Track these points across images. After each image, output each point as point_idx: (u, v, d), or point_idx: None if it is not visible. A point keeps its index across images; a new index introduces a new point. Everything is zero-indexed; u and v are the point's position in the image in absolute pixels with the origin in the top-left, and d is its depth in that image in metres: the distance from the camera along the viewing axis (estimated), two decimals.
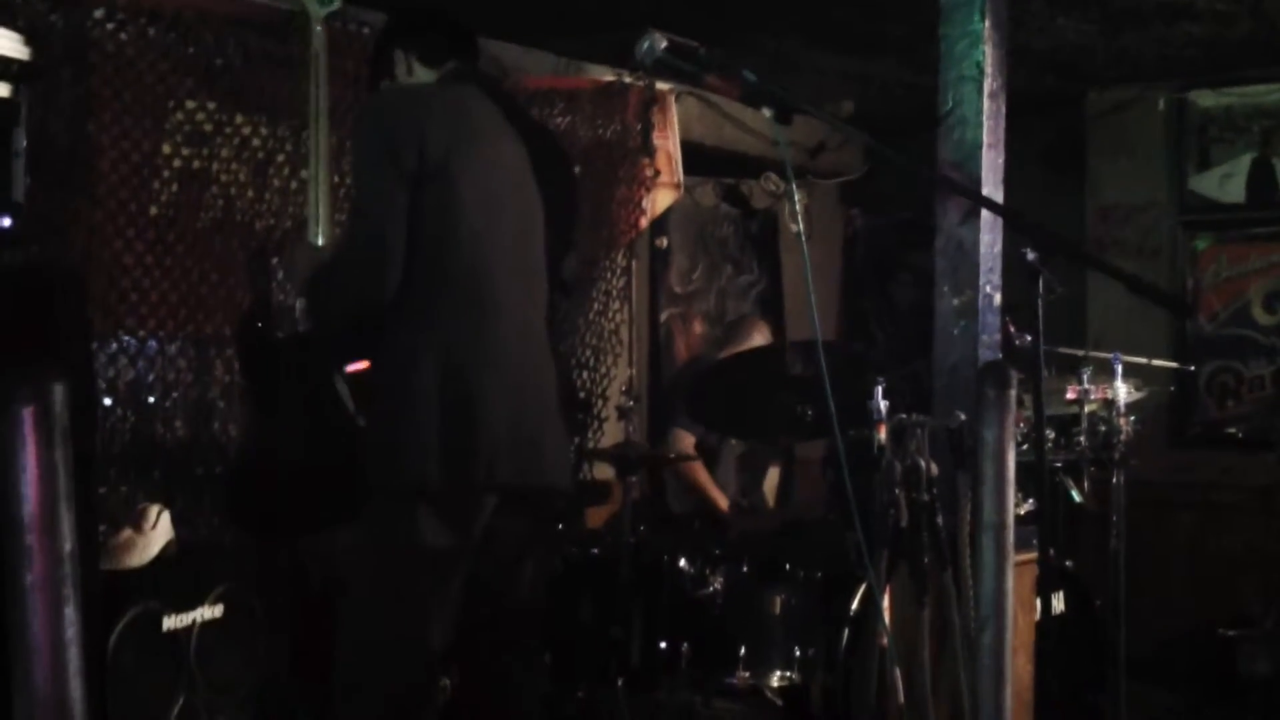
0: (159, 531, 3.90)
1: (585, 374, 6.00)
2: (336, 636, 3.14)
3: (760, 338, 5.50)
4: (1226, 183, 6.60)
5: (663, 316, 6.81)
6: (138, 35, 4.25)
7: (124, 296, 4.25)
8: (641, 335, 6.59)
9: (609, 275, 6.09)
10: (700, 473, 5.30)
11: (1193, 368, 6.45)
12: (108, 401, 4.25)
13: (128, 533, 3.85)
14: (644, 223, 6.03)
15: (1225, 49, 5.97)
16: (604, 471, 5.58)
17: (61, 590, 1.78)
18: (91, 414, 3.88)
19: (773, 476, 5.80)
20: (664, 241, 6.74)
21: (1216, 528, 6.31)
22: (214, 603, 3.86)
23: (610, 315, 6.10)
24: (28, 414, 1.75)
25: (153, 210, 4.31)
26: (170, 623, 3.74)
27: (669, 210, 6.28)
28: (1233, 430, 6.53)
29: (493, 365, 3.11)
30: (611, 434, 5.85)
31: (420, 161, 3.04)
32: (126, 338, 4.29)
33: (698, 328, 7.01)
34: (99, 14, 4.16)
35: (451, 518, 3.07)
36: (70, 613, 1.77)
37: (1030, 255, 3.24)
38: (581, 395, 5.93)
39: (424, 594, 3.09)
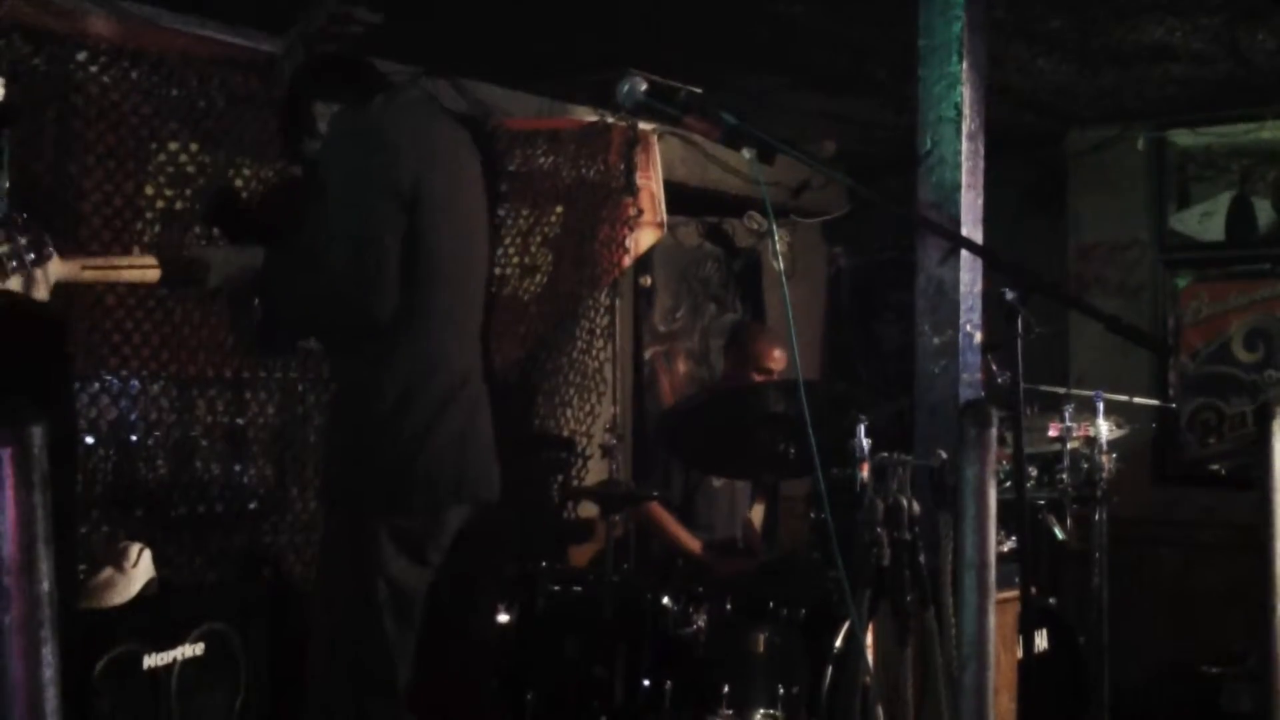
0: (140, 570, 3.89)
1: (569, 412, 6.00)
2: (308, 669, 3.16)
3: (780, 353, 5.39)
4: (1206, 221, 6.65)
5: (647, 355, 6.82)
6: (121, 77, 4.27)
7: (106, 337, 4.25)
8: (625, 373, 6.60)
9: (592, 314, 6.10)
10: (662, 515, 5.23)
11: (1174, 405, 6.48)
12: (90, 440, 4.24)
13: (108, 571, 3.84)
14: (627, 262, 6.05)
15: (1204, 89, 6.02)
16: (588, 510, 5.58)
17: (39, 632, 1.77)
18: (73, 453, 3.88)
19: (757, 513, 5.79)
20: (647, 280, 6.76)
21: (1199, 565, 6.32)
22: (195, 641, 3.85)
23: (594, 353, 6.11)
24: (6, 456, 1.75)
25: (135, 251, 4.31)
26: (151, 661, 3.73)
27: (652, 249, 6.31)
28: (1215, 467, 6.55)
29: (451, 393, 3.17)
30: (595, 472, 5.85)
31: (412, 186, 3.06)
32: (109, 377, 4.29)
33: (682, 366, 7.02)
34: (82, 56, 4.18)
35: (409, 544, 3.11)
36: (48, 654, 1.76)
37: (1009, 295, 3.26)
38: (565, 433, 5.93)
39: (386, 626, 3.11)
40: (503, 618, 4.54)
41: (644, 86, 2.83)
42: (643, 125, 5.96)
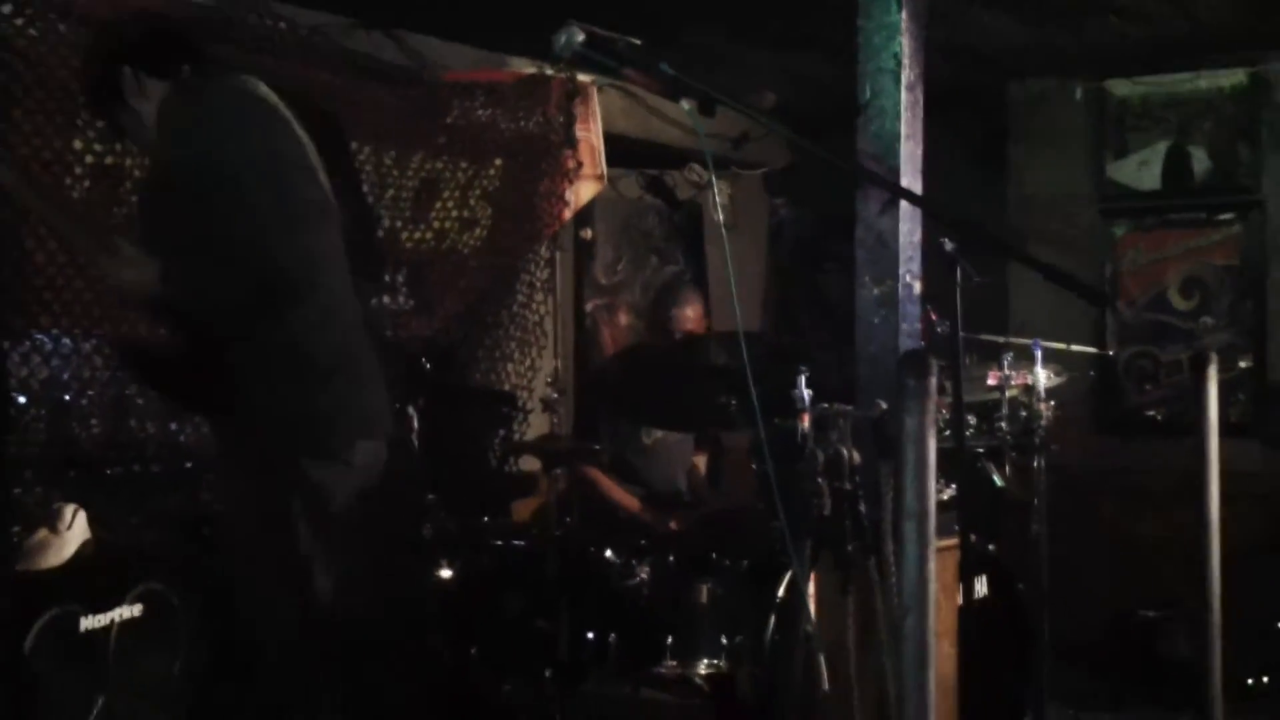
0: (75, 531, 3.84)
1: (510, 366, 5.98)
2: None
3: (693, 311, 5.42)
4: (1143, 170, 6.69)
5: (588, 308, 6.81)
6: (48, 31, 4.18)
7: (37, 294, 4.18)
8: (566, 327, 6.58)
9: (532, 268, 6.08)
10: (597, 476, 5.22)
11: (1112, 353, 6.54)
12: (22, 400, 4.18)
13: (43, 533, 3.79)
14: (567, 215, 6.01)
15: (1143, 40, 6.04)
16: (529, 464, 5.56)
17: None
18: (4, 414, 3.82)
19: (701, 463, 5.80)
20: (588, 233, 6.73)
21: (1137, 511, 6.40)
22: (132, 602, 3.80)
23: (534, 308, 6.08)
24: None
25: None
26: (88, 623, 3.68)
27: (593, 202, 6.28)
28: (1152, 414, 6.63)
29: (343, 335, 3.43)
30: (537, 426, 5.83)
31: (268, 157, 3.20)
32: (40, 335, 4.23)
33: (623, 319, 7.01)
34: (7, 9, 4.09)
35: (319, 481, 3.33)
36: None
37: (948, 245, 3.28)
38: (506, 388, 5.91)
39: (300, 533, 3.34)
40: (445, 573, 4.54)
41: (581, 37, 2.80)
42: (582, 77, 5.90)
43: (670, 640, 4.21)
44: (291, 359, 3.21)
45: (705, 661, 4.20)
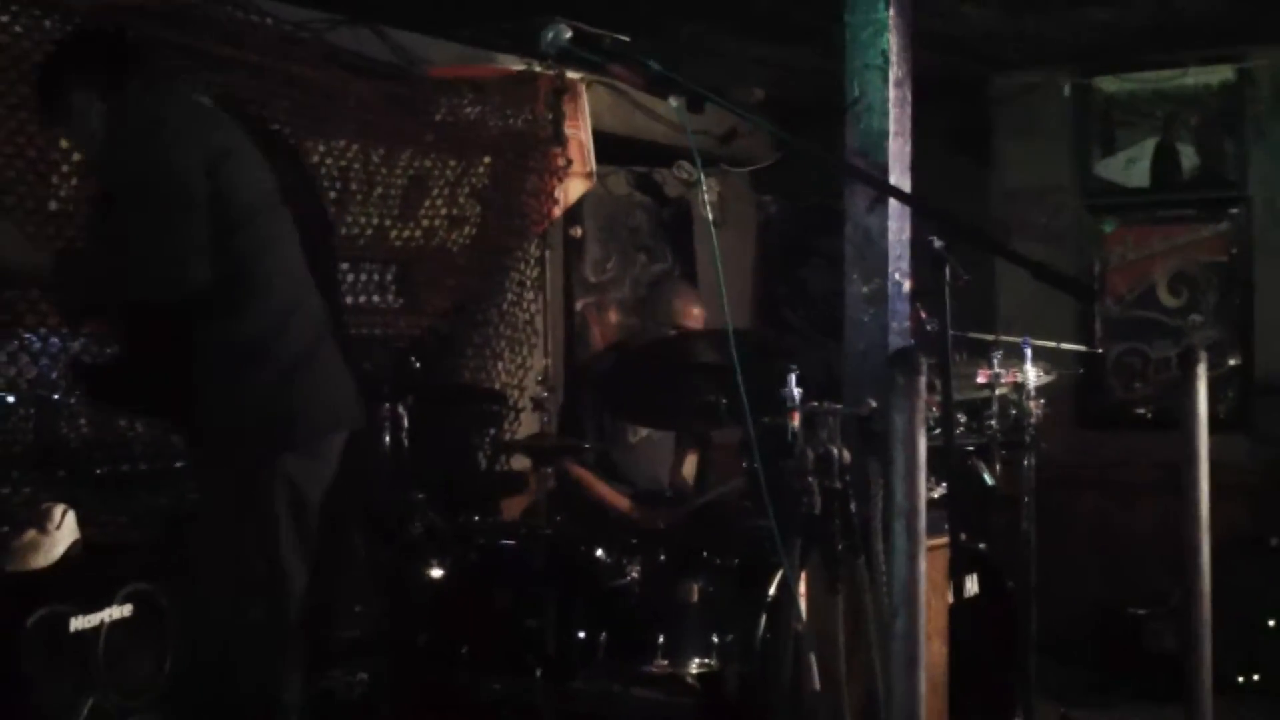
0: (64, 531, 3.83)
1: (500, 365, 5.97)
2: None
3: (697, 310, 5.40)
4: (1131, 167, 6.70)
5: (578, 306, 6.80)
6: (32, 27, 4.16)
7: (24, 292, 4.16)
8: (556, 325, 6.57)
9: (522, 265, 6.07)
10: (585, 476, 5.21)
11: (1100, 350, 6.55)
12: (10, 399, 4.17)
13: (31, 533, 3.78)
14: (556, 212, 6.01)
15: (1128, 34, 6.04)
16: (520, 462, 5.55)
17: None
18: None
19: (690, 463, 5.79)
20: (577, 231, 6.73)
21: (1125, 507, 6.41)
22: (122, 602, 3.80)
23: (524, 305, 6.08)
24: None
25: (52, 205, 4.23)
26: (77, 624, 3.68)
27: (582, 199, 6.27)
28: (1140, 411, 6.64)
29: (302, 334, 3.49)
30: (527, 424, 5.83)
31: (206, 156, 3.28)
32: (28, 335, 4.21)
33: (613, 316, 7.00)
34: None
35: (296, 477, 3.42)
36: None
37: (936, 243, 3.28)
38: (496, 386, 5.90)
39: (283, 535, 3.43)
40: (435, 572, 4.53)
41: (568, 34, 2.80)
42: (571, 74, 5.90)
43: (660, 639, 4.19)
44: (255, 355, 3.25)
45: (695, 660, 4.19)
